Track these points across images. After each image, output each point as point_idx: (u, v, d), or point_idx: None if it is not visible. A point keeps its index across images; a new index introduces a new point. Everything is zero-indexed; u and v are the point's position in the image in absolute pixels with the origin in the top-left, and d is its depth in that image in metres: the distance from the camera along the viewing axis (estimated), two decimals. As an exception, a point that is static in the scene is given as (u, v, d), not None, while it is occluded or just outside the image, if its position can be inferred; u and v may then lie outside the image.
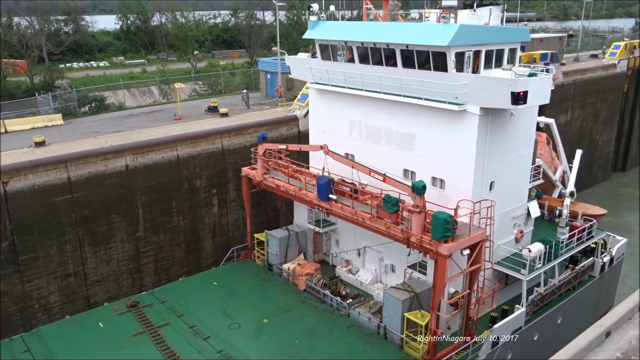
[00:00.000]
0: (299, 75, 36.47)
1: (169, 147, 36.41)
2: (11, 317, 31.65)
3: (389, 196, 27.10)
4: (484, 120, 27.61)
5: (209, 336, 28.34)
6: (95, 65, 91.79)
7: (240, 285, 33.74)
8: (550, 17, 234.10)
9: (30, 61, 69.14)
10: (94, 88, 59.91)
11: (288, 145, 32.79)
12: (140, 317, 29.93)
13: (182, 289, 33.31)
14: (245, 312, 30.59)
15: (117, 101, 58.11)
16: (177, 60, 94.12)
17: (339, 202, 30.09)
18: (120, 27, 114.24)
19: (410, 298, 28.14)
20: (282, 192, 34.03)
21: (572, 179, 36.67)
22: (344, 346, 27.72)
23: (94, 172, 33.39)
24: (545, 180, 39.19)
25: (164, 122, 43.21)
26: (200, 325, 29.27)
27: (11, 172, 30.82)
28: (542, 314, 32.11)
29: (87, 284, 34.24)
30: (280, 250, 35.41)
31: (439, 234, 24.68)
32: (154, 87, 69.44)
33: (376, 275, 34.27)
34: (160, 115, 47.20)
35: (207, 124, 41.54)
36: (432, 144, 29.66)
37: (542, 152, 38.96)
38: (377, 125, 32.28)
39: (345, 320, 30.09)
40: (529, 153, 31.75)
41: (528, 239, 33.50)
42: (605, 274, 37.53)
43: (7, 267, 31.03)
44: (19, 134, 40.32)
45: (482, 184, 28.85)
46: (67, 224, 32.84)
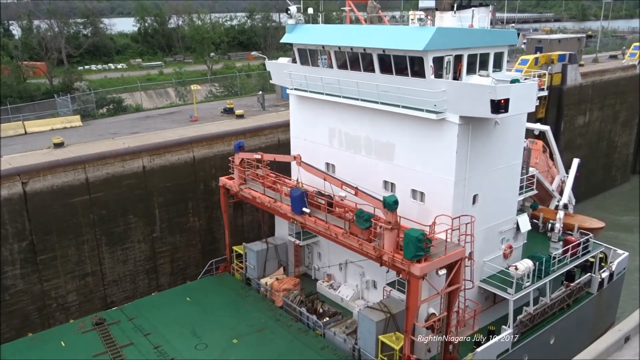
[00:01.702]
0: (279, 81, 34.93)
1: (185, 149, 36.84)
2: (30, 315, 32.16)
3: (362, 211, 25.40)
4: (465, 129, 25.79)
5: (173, 358, 26.83)
6: (113, 67, 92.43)
7: (214, 301, 32.20)
8: (568, 17, 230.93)
9: (50, 63, 69.82)
10: (112, 90, 60.77)
11: (263, 155, 31.21)
12: (105, 336, 28.51)
13: (154, 304, 31.86)
14: (215, 332, 29.02)
15: (135, 103, 58.97)
16: (193, 62, 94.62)
17: (312, 216, 28.45)
18: (138, 29, 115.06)
19: (385, 319, 26.38)
20: (258, 203, 32.47)
21: (567, 190, 34.62)
22: (315, 371, 26.06)
23: (112, 173, 33.92)
24: (541, 190, 37.23)
25: (180, 124, 43.79)
26: (166, 346, 27.77)
27: (30, 173, 31.36)
28: (532, 334, 30.15)
29: (104, 283, 34.77)
30: (258, 264, 33.86)
31: (411, 253, 22.92)
32: (171, 88, 70.43)
33: (357, 291, 32.56)
34: (177, 116, 47.74)
35: (223, 125, 42.39)
36: (412, 155, 27.90)
37: (538, 161, 36.94)
38: (356, 134, 30.60)
39: (319, 341, 28.41)
40: (517, 164, 29.79)
41: (518, 254, 31.52)
42: (605, 291, 35.37)
43: (26, 266, 31.54)
44: (39, 135, 41.19)
45: (464, 197, 27.01)
46: (85, 224, 33.31)
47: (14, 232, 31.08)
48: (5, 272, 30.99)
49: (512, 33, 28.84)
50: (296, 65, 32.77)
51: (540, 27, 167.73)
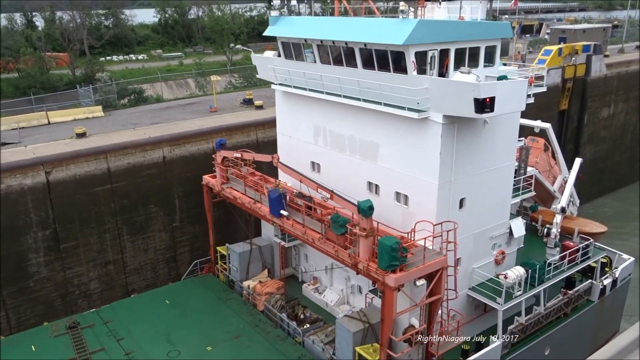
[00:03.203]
0: (265, 75, 33.48)
1: (205, 139, 36.71)
2: (53, 302, 32.57)
3: (338, 215, 23.97)
4: (449, 129, 24.12)
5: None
6: (134, 58, 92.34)
7: (194, 304, 31.13)
8: (594, 7, 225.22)
9: (72, 54, 70.16)
10: (133, 80, 60.76)
11: (243, 154, 29.90)
12: (77, 341, 27.64)
13: (131, 307, 30.92)
14: (190, 338, 27.95)
15: (155, 93, 59.19)
16: (213, 53, 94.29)
17: (290, 219, 27.11)
18: (159, 20, 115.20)
19: (363, 330, 24.99)
20: (239, 203, 31.22)
21: (566, 192, 32.66)
22: (287, 382, 24.82)
23: (133, 163, 34.03)
24: (543, 191, 35.38)
25: (200, 114, 43.82)
26: (137, 352, 26.79)
27: (53, 163, 31.63)
28: (525, 345, 28.50)
29: (125, 272, 34.95)
30: (241, 266, 32.68)
31: (385, 263, 21.45)
32: (191, 79, 70.23)
33: (343, 296, 31.22)
34: (197, 107, 47.65)
35: (243, 116, 42.12)
36: (395, 156, 26.33)
37: (538, 160, 35.04)
38: (340, 132, 29.11)
39: (297, 350, 27.15)
40: (510, 165, 28.01)
41: (512, 260, 29.80)
42: (607, 298, 33.44)
43: (49, 254, 31.89)
44: (61, 125, 41.59)
45: (450, 201, 25.39)
46: (107, 214, 33.54)
47: (37, 221, 31.38)
48: (29, 259, 31.49)
49: (504, 25, 26.97)
50: (281, 60, 31.33)
51: (565, 17, 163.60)
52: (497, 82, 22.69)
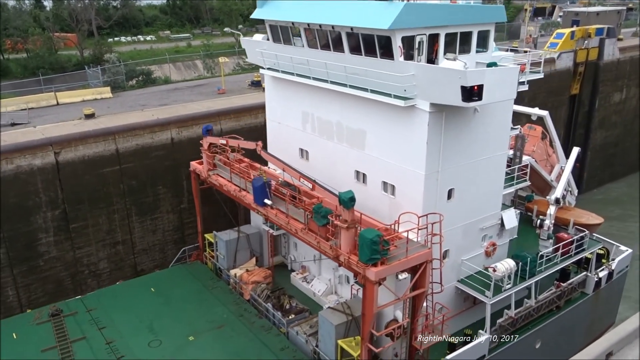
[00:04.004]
0: (254, 59, 32.60)
1: (213, 121, 36.64)
2: (63, 281, 32.98)
3: (320, 206, 23.26)
4: (437, 118, 23.23)
5: (123, 355, 25.45)
6: (142, 39, 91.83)
7: (179, 292, 30.69)
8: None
9: (80, 35, 69.86)
10: (141, 62, 60.77)
11: (228, 140, 29.17)
12: (58, 329, 27.31)
13: (116, 295, 30.54)
14: (173, 327, 27.53)
15: (163, 75, 59.11)
16: (221, 34, 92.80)
17: (274, 208, 26.46)
18: (167, 1, 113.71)
19: (346, 322, 24.48)
20: (225, 191, 30.58)
21: (561, 183, 31.69)
22: (268, 375, 24.38)
23: (141, 144, 34.12)
24: (540, 180, 34.47)
25: (208, 96, 43.98)
26: (118, 342, 26.41)
27: (62, 143, 31.75)
28: (514, 339, 27.85)
29: (134, 252, 35.27)
30: (228, 254, 32.14)
31: (366, 257, 20.76)
32: (199, 61, 69.92)
33: (330, 286, 30.66)
34: (205, 89, 47.83)
35: (250, 98, 42.05)
36: (382, 144, 25.51)
37: (535, 149, 34.05)
38: (328, 119, 28.28)
39: (280, 341, 26.68)
40: (502, 154, 27.09)
41: (503, 252, 29.03)
42: (602, 291, 32.69)
43: (59, 234, 32.20)
44: (70, 106, 41.86)
45: (437, 192, 24.59)
46: (116, 194, 33.77)
47: (47, 201, 31.53)
48: (39, 239, 31.71)
49: (498, 9, 25.83)
50: (269, 43, 30.42)
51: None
52: (485, 70, 21.77)
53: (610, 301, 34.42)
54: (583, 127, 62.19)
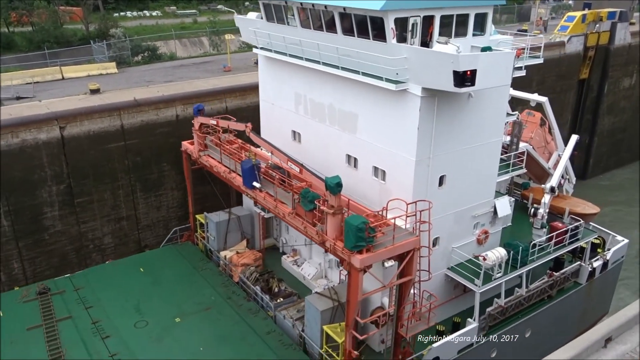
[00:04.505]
0: (248, 38, 31.90)
1: (218, 99, 36.90)
2: (68, 255, 33.30)
3: (307, 190, 22.86)
4: (429, 103, 22.64)
5: (109, 335, 25.39)
6: (147, 14, 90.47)
7: (168, 273, 30.55)
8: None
9: (86, 9, 68.74)
10: (147, 37, 60.28)
11: (219, 121, 28.69)
12: (45, 307, 27.24)
13: (104, 274, 30.43)
14: (160, 308, 27.41)
15: (169, 51, 58.69)
16: (227, 11, 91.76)
17: (263, 191, 26.08)
18: None
19: (332, 308, 24.25)
20: (215, 172, 30.20)
21: (557, 172, 31.10)
22: (251, 358, 24.20)
23: (146, 121, 34.10)
24: (537, 168, 33.96)
25: (213, 74, 43.70)
26: (104, 322, 26.34)
27: (68, 118, 31.74)
28: (504, 327, 27.64)
29: (138, 228, 35.47)
30: (218, 236, 31.86)
31: (351, 244, 20.42)
32: (205, 38, 69.02)
33: (320, 270, 30.40)
34: (210, 66, 47.68)
35: (256, 76, 41.08)
36: (374, 128, 24.99)
37: (533, 136, 33.43)
38: (321, 101, 27.72)
39: (267, 324, 26.53)
40: (497, 141, 26.52)
41: (496, 240, 28.62)
42: (596, 281, 32.33)
43: (64, 208, 32.41)
44: (75, 81, 41.97)
45: (428, 178, 24.12)
46: (120, 170, 33.86)
47: (52, 175, 31.69)
48: (44, 213, 31.92)
49: (497, -9, 25.05)
50: (263, 22, 29.71)
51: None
52: (479, 54, 21.16)
53: (604, 291, 34.08)
54: (591, 112, 61.28)
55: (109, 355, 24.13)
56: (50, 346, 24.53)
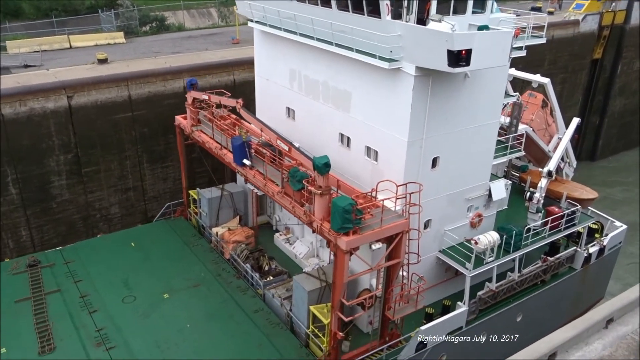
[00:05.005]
0: (243, 11, 31.12)
1: (226, 71, 36.75)
2: (75, 224, 33.76)
3: (296, 170, 22.44)
4: (423, 82, 22.02)
5: (96, 310, 25.35)
6: None
7: (159, 248, 30.38)
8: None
9: None
10: (155, 7, 59.32)
11: (210, 96, 28.15)
12: (34, 280, 27.18)
13: (95, 248, 30.26)
14: (149, 283, 27.31)
15: (177, 22, 58.10)
16: None
17: (253, 169, 25.68)
18: None
19: (320, 289, 24.03)
20: (207, 148, 29.79)
21: (556, 155, 30.44)
22: (237, 336, 24.12)
23: (154, 92, 34.09)
24: (538, 151, 33.33)
25: (221, 46, 43.56)
26: (92, 296, 26.29)
27: (75, 87, 31.74)
28: (494, 311, 27.43)
29: (145, 199, 35.79)
30: (210, 212, 31.60)
31: (337, 225, 20.07)
32: (213, 9, 67.74)
33: (312, 248, 30.16)
34: (219, 38, 47.49)
35: None
36: (367, 107, 24.42)
37: (534, 118, 32.72)
38: (315, 78, 27.09)
39: (255, 303, 26.40)
40: (493, 123, 25.89)
41: (490, 223, 28.22)
42: (592, 266, 31.96)
43: (71, 177, 32.73)
44: (83, 50, 41.83)
45: (421, 160, 23.63)
46: (127, 141, 33.95)
47: (60, 144, 31.88)
48: (52, 181, 32.20)
49: (499, -33, 24.10)
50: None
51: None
52: (474, 33, 20.42)
53: (599, 277, 33.75)
54: (602, 93, 60.12)
55: (95, 329, 24.09)
56: (38, 319, 24.52)
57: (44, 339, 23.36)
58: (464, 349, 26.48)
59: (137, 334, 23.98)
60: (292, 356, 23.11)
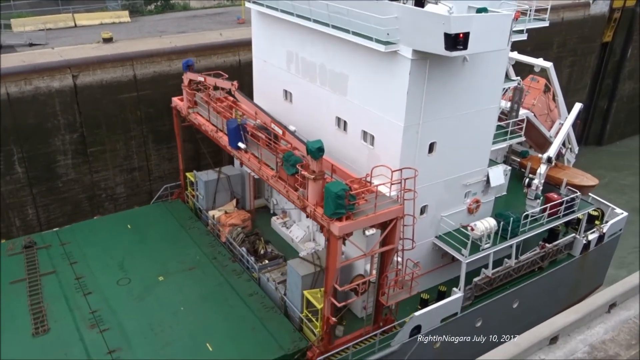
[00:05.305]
0: (241, -9, 30.65)
1: (232, 51, 36.48)
2: (81, 203, 34.05)
3: (290, 154, 22.18)
4: (420, 66, 21.61)
5: (91, 292, 25.35)
6: None
7: (156, 230, 30.29)
8: None
9: None
10: None
11: (206, 78, 27.81)
12: (30, 261, 27.18)
13: (92, 229, 30.19)
14: (144, 266, 27.26)
15: (182, 1, 57.07)
16: None
17: (248, 152, 25.44)
18: None
19: (314, 274, 23.90)
20: (204, 130, 29.53)
21: (556, 141, 30.00)
22: (231, 320, 24.09)
23: (159, 72, 33.90)
24: (539, 136, 32.90)
25: (227, 25, 43.14)
26: (87, 278, 26.27)
27: (80, 67, 31.63)
28: (490, 298, 27.31)
29: (150, 179, 35.91)
30: (207, 195, 31.44)
31: (330, 211, 19.87)
32: None
33: (309, 232, 30.02)
34: (224, 18, 47.03)
35: None
36: (363, 91, 24.06)
37: (536, 102, 32.23)
38: (312, 61, 26.69)
39: (250, 286, 26.34)
40: (493, 108, 25.49)
41: (488, 209, 27.96)
42: (591, 253, 31.72)
43: (77, 157, 32.78)
44: (88, 29, 41.53)
45: (417, 145, 23.34)
46: (133, 121, 33.92)
47: (65, 124, 31.86)
48: (57, 161, 32.35)
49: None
50: (256, -26, 28.41)
51: None
52: (472, 16, 19.92)
53: (598, 264, 33.52)
54: (611, 77, 59.18)
55: (90, 311, 24.13)
56: (32, 300, 24.55)
57: (38, 320, 23.42)
58: (459, 334, 26.42)
59: (131, 316, 23.99)
60: (286, 340, 23.06)
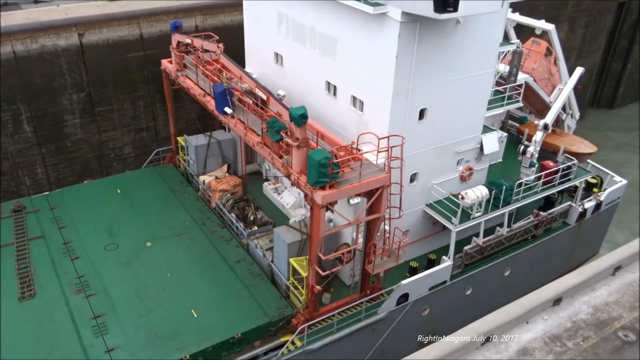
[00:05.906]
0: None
1: (239, 10, 34.51)
2: (90, 163, 34.10)
3: (275, 120, 21.60)
4: (410, 29, 20.75)
5: (78, 257, 25.29)
6: None
7: (146, 195, 30.04)
8: None
9: None
10: None
11: (193, 40, 27.00)
12: (18, 226, 27.08)
13: (81, 194, 29.96)
14: (132, 231, 27.12)
15: None
16: None
17: (235, 117, 24.87)
18: None
19: (300, 241, 23.67)
20: (192, 94, 28.89)
21: (554, 107, 29.09)
22: (218, 286, 24.00)
23: (165, 31, 32.74)
24: (539, 102, 32.05)
25: None
26: (76, 242, 26.19)
27: (86, 25, 31.15)
28: (481, 266, 27.07)
29: (157, 139, 35.68)
30: (197, 160, 31.03)
31: (314, 179, 19.41)
32: None
33: (300, 199, 29.65)
34: None
35: None
36: (352, 54, 23.24)
37: (536, 67, 31.21)
38: (302, 22, 25.75)
39: (238, 253, 26.19)
40: (488, 73, 24.63)
41: (481, 177, 27.44)
42: (587, 222, 31.26)
43: (85, 116, 32.60)
44: None
45: (407, 111, 22.67)
46: (140, 81, 33.52)
47: (72, 83, 31.53)
48: (65, 120, 32.16)
49: None
50: None
51: None
52: (463, -25, 18.87)
53: (594, 232, 33.08)
54: (627, 37, 57.30)
55: (76, 276, 24.12)
56: (20, 265, 24.56)
57: (24, 284, 23.46)
58: (448, 302, 26.32)
59: (118, 282, 23.96)
60: (271, 307, 23.00)
